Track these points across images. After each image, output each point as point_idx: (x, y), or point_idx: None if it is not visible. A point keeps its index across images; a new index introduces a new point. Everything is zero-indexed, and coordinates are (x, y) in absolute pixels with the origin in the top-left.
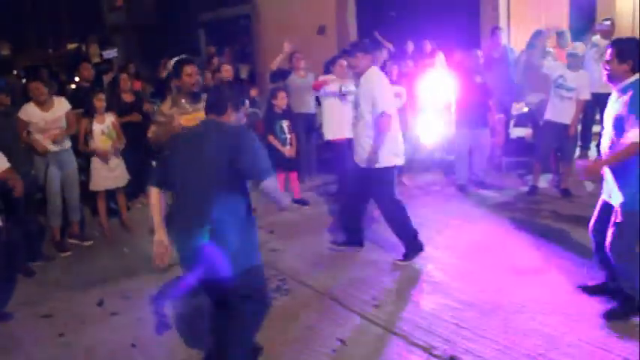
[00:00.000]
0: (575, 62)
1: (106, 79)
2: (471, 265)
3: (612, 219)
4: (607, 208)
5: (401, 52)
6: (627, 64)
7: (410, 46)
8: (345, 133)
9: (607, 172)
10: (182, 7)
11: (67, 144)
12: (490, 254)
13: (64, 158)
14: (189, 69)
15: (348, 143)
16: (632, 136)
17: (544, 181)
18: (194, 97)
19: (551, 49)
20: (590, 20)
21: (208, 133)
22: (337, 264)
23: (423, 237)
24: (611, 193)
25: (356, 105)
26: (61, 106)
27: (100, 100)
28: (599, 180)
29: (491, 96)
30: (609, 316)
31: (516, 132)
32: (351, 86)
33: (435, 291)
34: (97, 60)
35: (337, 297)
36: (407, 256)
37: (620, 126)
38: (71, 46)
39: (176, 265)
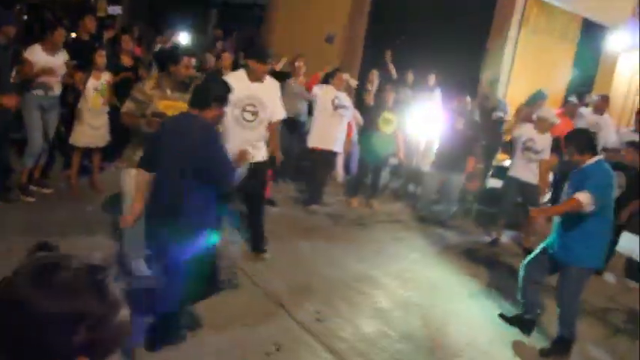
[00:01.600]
0: (543, 126)
1: (107, 35)
2: (419, 299)
3: (564, 273)
4: (547, 257)
5: (401, 79)
6: (587, 154)
7: (410, 76)
8: (329, 145)
9: (563, 233)
10: None
11: (58, 91)
12: (440, 292)
13: (51, 103)
14: (187, 61)
15: (329, 155)
16: (579, 195)
17: (509, 237)
18: (181, 87)
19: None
20: (588, 90)
21: (184, 129)
22: (293, 270)
23: (378, 262)
24: (563, 250)
25: None
26: (63, 54)
27: (101, 57)
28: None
29: (473, 143)
30: (546, 354)
31: (492, 182)
32: (344, 100)
33: (378, 317)
34: (102, 14)
35: (284, 303)
36: None
37: (574, 191)
38: None
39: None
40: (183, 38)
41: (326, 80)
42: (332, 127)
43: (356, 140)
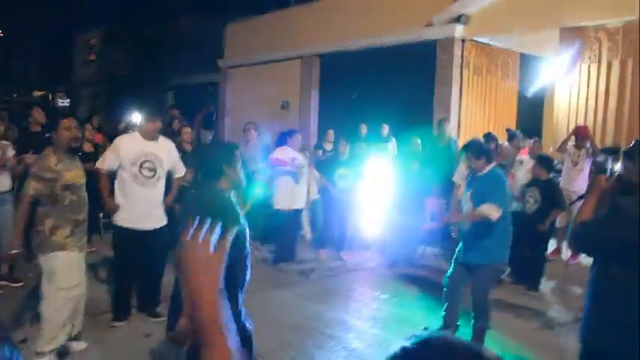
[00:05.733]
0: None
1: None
2: (391, 336)
3: (478, 272)
4: (462, 266)
5: (355, 133)
6: (482, 158)
7: (363, 129)
8: (294, 204)
9: (472, 238)
10: (153, 69)
11: (6, 185)
12: (411, 328)
13: (3, 198)
14: (67, 122)
15: (295, 214)
16: (489, 210)
17: None
18: (72, 153)
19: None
20: (537, 125)
21: None
22: (265, 323)
23: (349, 308)
24: (475, 253)
25: None
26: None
27: None
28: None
29: (430, 183)
30: None
31: None
32: (302, 160)
33: (352, 357)
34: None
35: (258, 356)
36: None
37: (479, 200)
38: (38, 93)
39: None
40: (136, 117)
41: (281, 141)
42: (295, 188)
43: (317, 196)
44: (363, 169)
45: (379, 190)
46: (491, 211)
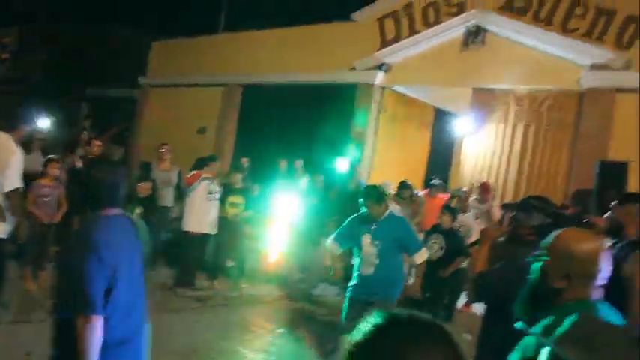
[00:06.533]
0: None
1: None
2: None
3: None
4: (359, 305)
5: (270, 166)
6: (383, 203)
7: (282, 164)
8: (204, 229)
9: (378, 274)
10: (70, 76)
11: None
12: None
13: None
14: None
15: (202, 238)
16: (420, 258)
17: None
18: None
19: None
20: (444, 176)
21: None
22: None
23: (243, 339)
24: (379, 288)
25: None
26: None
27: None
28: None
29: (336, 221)
30: None
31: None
32: (216, 187)
33: None
34: None
35: None
36: None
37: (394, 245)
38: None
39: None
40: (44, 123)
41: (199, 167)
42: (206, 212)
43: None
44: (267, 202)
45: (284, 223)
46: (425, 254)
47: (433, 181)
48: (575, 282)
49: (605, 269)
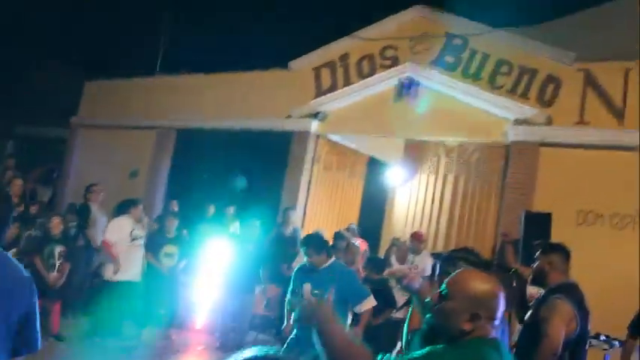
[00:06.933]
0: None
1: None
2: None
3: None
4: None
5: (202, 213)
6: (323, 253)
7: (211, 209)
8: (128, 276)
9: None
10: None
11: None
12: None
13: None
14: None
15: (126, 286)
16: (367, 304)
17: None
18: None
19: None
20: (378, 225)
21: None
22: None
23: None
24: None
25: None
26: None
27: None
28: None
29: (269, 269)
30: None
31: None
32: (141, 231)
33: None
34: None
35: None
36: None
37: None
38: None
39: None
40: None
41: (121, 210)
42: (131, 259)
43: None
44: (197, 248)
45: (214, 271)
46: (370, 303)
47: (348, 226)
48: (480, 322)
49: (502, 309)
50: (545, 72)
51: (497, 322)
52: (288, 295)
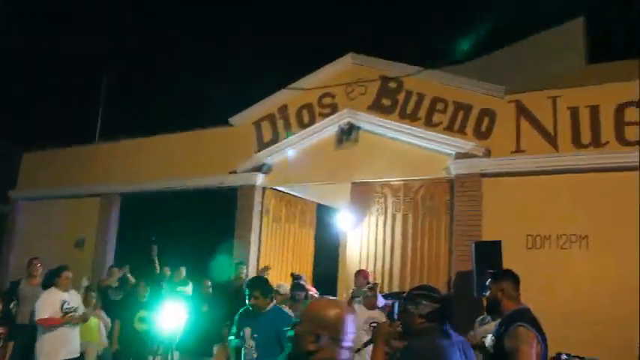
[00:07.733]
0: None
1: None
2: None
3: None
4: None
5: (152, 274)
6: (269, 297)
7: (167, 271)
8: (65, 354)
9: None
10: None
11: None
12: None
13: None
14: None
15: None
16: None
17: None
18: None
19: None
20: (333, 271)
21: None
22: None
23: None
24: None
25: None
26: None
27: None
28: None
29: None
30: None
31: None
32: (74, 301)
33: None
34: None
35: None
36: None
37: (276, 341)
38: None
39: None
40: None
41: (48, 282)
42: (63, 337)
43: (106, 340)
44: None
45: (171, 332)
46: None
47: (295, 275)
48: (324, 344)
49: (351, 332)
50: (479, 106)
51: (345, 344)
52: (231, 337)
